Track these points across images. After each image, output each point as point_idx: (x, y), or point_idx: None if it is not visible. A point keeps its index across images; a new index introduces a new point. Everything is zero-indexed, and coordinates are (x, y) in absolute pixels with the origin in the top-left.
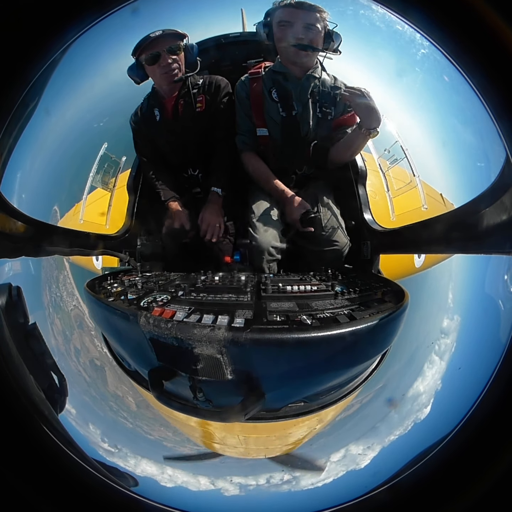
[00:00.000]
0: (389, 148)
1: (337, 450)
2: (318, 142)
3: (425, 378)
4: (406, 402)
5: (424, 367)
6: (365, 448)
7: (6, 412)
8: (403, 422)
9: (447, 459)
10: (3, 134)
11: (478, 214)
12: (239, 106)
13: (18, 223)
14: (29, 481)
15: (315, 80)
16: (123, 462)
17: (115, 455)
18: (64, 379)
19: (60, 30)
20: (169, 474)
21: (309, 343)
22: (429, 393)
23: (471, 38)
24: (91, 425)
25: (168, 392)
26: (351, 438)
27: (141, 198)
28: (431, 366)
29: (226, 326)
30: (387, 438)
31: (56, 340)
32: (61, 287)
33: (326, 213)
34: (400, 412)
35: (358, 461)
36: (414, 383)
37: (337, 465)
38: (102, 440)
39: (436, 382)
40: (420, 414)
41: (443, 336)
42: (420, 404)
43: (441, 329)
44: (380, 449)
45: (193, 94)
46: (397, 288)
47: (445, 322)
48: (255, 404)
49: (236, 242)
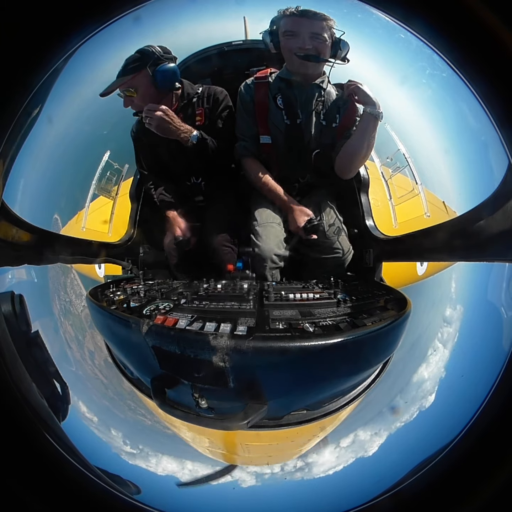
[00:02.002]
0: (392, 156)
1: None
2: (321, 150)
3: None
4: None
5: (425, 376)
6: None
7: (9, 420)
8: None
9: (449, 468)
10: (6, 142)
11: (480, 222)
12: (242, 109)
13: (21, 231)
14: (31, 489)
15: (321, 89)
16: (145, 463)
17: (137, 456)
18: (66, 387)
19: (62, 39)
20: (189, 469)
21: (312, 351)
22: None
23: (474, 46)
24: (112, 430)
25: (170, 400)
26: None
27: (143, 206)
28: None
29: (228, 334)
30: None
31: (71, 349)
32: (69, 291)
33: (329, 221)
34: (402, 419)
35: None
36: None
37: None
38: (124, 443)
39: (437, 389)
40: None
41: (442, 345)
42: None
43: (439, 338)
44: (381, 452)
45: (192, 105)
46: (400, 296)
47: (445, 333)
48: (258, 412)
49: (238, 250)
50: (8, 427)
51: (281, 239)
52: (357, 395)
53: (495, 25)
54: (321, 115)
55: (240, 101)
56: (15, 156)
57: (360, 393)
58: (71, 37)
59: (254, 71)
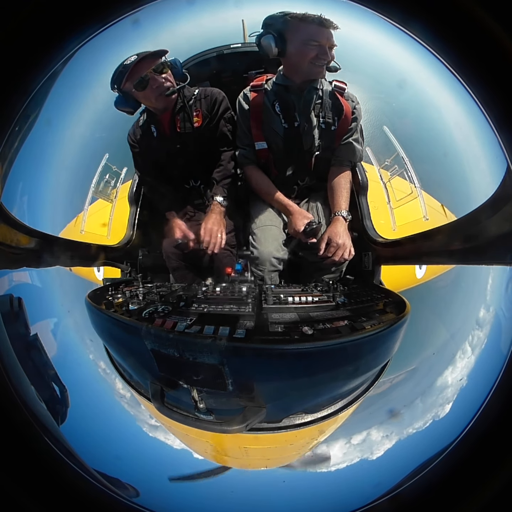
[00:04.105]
0: (390, 159)
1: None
2: (320, 154)
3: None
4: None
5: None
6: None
7: (7, 424)
8: (404, 432)
9: (448, 470)
10: (4, 145)
11: (479, 225)
12: (241, 119)
13: (19, 234)
14: (30, 492)
15: (317, 92)
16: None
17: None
18: (65, 390)
19: (61, 41)
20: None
21: (311, 354)
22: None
23: (472, 49)
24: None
25: (169, 403)
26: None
27: (142, 209)
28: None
29: (227, 337)
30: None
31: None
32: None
33: (327, 224)
34: (401, 423)
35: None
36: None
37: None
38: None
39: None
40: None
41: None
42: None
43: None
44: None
45: (189, 107)
46: (399, 299)
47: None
48: (256, 415)
49: (237, 253)
50: (7, 431)
51: (280, 242)
52: (355, 398)
53: (494, 28)
54: (320, 118)
55: (238, 112)
56: (14, 158)
57: (359, 396)
58: (69, 40)
59: (252, 74)
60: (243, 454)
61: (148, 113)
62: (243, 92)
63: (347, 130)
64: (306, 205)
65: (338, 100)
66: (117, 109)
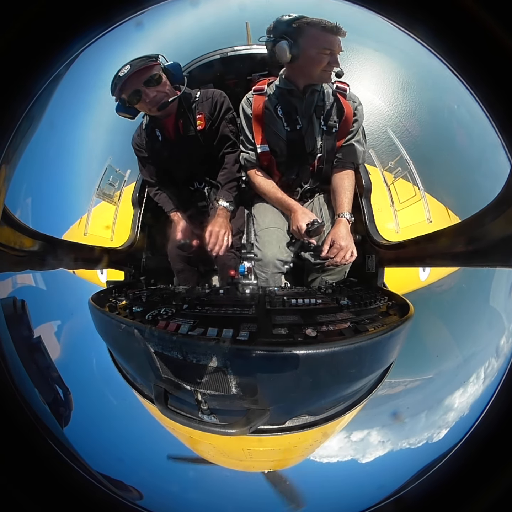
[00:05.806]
0: (394, 161)
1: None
2: (323, 156)
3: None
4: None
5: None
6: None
7: (11, 426)
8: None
9: (451, 473)
10: (8, 147)
11: (482, 227)
12: (244, 123)
13: (23, 236)
14: (33, 494)
15: (318, 94)
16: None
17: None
18: (69, 393)
19: (64, 44)
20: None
21: (314, 357)
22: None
23: (475, 51)
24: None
25: (172, 405)
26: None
27: (146, 211)
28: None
29: (230, 339)
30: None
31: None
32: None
33: (330, 226)
34: (404, 426)
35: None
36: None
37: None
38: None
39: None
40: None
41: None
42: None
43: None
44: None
45: (192, 110)
46: (402, 301)
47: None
48: (260, 417)
49: (241, 255)
50: (10, 433)
51: (284, 245)
52: (359, 400)
53: (496, 29)
54: (322, 120)
55: (242, 116)
56: (18, 161)
57: (362, 398)
58: (73, 42)
59: (256, 76)
60: (246, 456)
61: (151, 117)
62: (246, 96)
63: (348, 132)
64: (309, 207)
65: (340, 101)
66: (118, 114)
